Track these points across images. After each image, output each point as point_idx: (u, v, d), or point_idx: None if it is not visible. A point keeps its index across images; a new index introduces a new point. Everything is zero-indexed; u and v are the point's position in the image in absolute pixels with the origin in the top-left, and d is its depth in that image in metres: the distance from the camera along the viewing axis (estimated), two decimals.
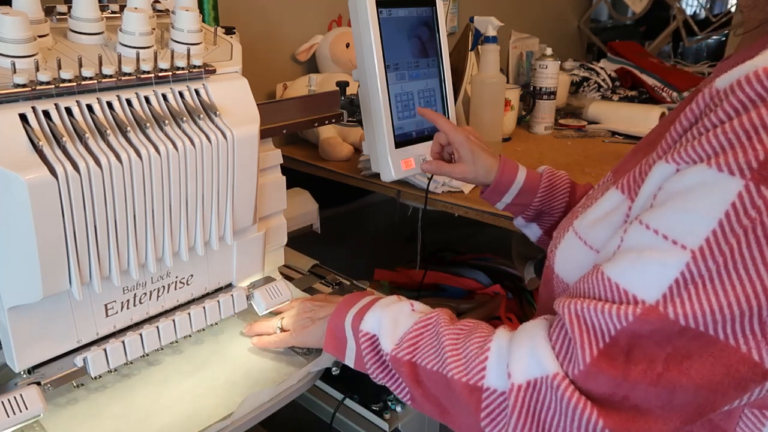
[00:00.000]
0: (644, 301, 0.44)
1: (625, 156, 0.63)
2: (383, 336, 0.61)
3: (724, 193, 0.41)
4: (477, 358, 0.53)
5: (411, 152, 0.89)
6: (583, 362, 0.46)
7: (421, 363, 0.57)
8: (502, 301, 1.20)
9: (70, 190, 0.52)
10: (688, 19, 2.36)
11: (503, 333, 0.54)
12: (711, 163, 0.42)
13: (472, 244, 1.42)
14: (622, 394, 0.45)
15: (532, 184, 0.80)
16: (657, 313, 0.43)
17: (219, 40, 0.71)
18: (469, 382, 0.52)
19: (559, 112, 1.67)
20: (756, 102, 0.42)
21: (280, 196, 0.78)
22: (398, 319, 0.62)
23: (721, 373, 0.43)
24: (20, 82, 0.52)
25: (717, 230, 0.41)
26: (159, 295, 0.68)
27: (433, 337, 0.58)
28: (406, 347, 0.59)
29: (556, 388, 0.47)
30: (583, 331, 0.46)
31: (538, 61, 1.53)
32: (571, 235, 0.58)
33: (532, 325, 0.53)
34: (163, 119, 0.59)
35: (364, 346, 0.63)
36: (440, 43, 0.91)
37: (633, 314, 0.44)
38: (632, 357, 0.44)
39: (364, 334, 0.63)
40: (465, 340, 0.56)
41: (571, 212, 0.63)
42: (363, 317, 0.64)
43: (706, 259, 0.42)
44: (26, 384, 0.58)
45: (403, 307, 0.64)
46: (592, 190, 0.65)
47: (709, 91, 0.46)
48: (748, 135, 0.41)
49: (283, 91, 1.40)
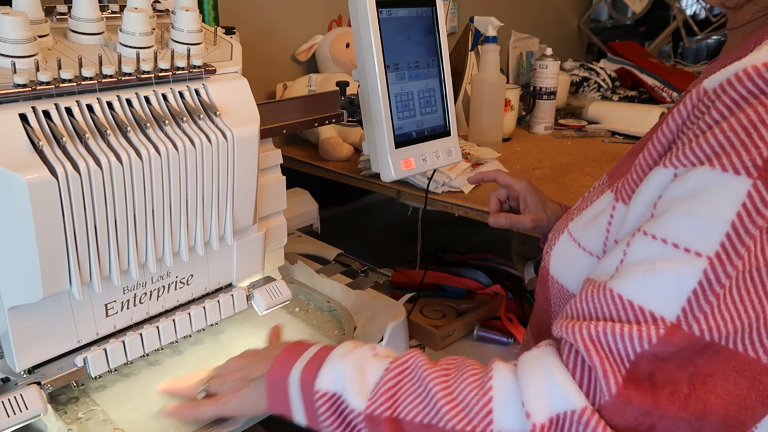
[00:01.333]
0: (663, 317, 0.41)
1: (621, 158, 0.63)
2: (349, 392, 0.50)
3: (733, 193, 0.40)
4: (479, 402, 0.46)
5: (411, 152, 0.89)
6: (608, 392, 0.42)
7: (406, 417, 0.48)
8: (502, 301, 1.20)
9: (70, 190, 0.52)
10: (688, 19, 2.36)
11: (503, 367, 0.48)
12: (714, 164, 0.41)
13: (472, 244, 1.42)
14: (649, 423, 0.42)
15: None
16: (681, 332, 0.40)
17: (219, 40, 0.71)
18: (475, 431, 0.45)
19: (559, 112, 1.67)
20: (749, 99, 0.41)
21: (280, 196, 0.78)
22: (364, 368, 0.51)
23: (745, 386, 0.41)
24: (20, 82, 0.52)
25: (731, 233, 0.40)
26: (159, 295, 0.68)
27: (416, 384, 0.49)
28: (384, 401, 0.49)
29: (585, 423, 0.42)
30: (603, 358, 0.42)
31: (538, 61, 1.53)
32: (566, 236, 0.58)
33: (539, 354, 0.47)
34: (163, 119, 0.59)
35: (323, 409, 0.51)
36: (440, 43, 0.91)
37: (657, 336, 0.40)
38: (656, 381, 0.41)
39: (322, 394, 0.52)
40: (457, 382, 0.48)
41: (566, 214, 0.63)
42: (318, 372, 0.53)
43: (724, 265, 0.40)
44: (26, 384, 0.58)
45: (365, 353, 0.54)
46: (587, 192, 0.65)
47: (697, 92, 0.45)
48: (747, 132, 0.40)
49: (283, 91, 1.40)
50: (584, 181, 1.15)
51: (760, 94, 0.41)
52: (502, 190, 0.85)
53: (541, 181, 1.18)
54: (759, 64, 0.41)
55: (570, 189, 1.13)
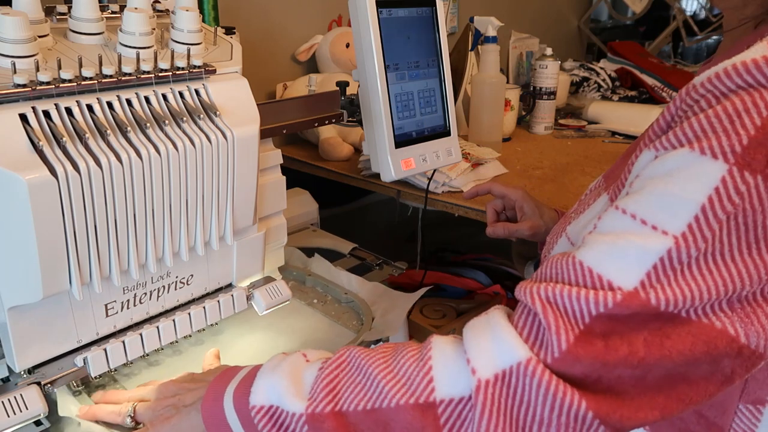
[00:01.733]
0: (621, 287, 0.42)
1: (617, 161, 0.63)
2: (286, 399, 0.49)
3: (707, 177, 0.41)
4: (419, 372, 0.46)
5: (411, 152, 0.89)
6: (558, 349, 0.43)
7: (349, 408, 0.47)
8: (502, 301, 1.20)
9: (70, 190, 0.52)
10: (688, 19, 2.36)
11: (439, 338, 0.49)
12: (693, 147, 0.42)
13: (472, 244, 1.42)
14: (595, 376, 0.43)
15: None
16: (638, 299, 0.42)
17: (219, 40, 0.71)
18: (418, 402, 0.45)
19: (559, 112, 1.67)
20: (736, 91, 0.42)
21: (280, 196, 0.78)
22: (297, 374, 0.51)
23: (701, 350, 0.42)
24: (20, 82, 0.52)
25: (700, 215, 0.41)
26: (159, 295, 0.68)
27: (354, 373, 0.49)
28: (323, 397, 0.48)
29: (531, 374, 0.43)
30: (558, 316, 0.43)
31: (538, 61, 1.53)
32: (564, 240, 0.58)
33: (485, 317, 0.49)
34: (163, 119, 0.59)
35: (262, 423, 0.49)
36: (440, 43, 0.91)
37: (613, 300, 0.42)
38: (611, 341, 0.43)
39: (259, 409, 0.50)
40: (396, 361, 0.48)
41: (564, 217, 0.63)
42: (250, 390, 0.51)
43: (689, 246, 0.41)
44: (26, 384, 0.58)
45: (296, 360, 0.53)
46: (584, 195, 0.65)
47: (686, 87, 0.46)
48: (730, 120, 0.41)
49: (283, 91, 1.40)
50: (584, 181, 1.15)
51: (747, 87, 0.41)
52: (497, 200, 0.86)
53: (541, 181, 1.18)
54: (748, 60, 0.42)
55: (570, 189, 1.13)
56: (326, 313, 0.89)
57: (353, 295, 0.91)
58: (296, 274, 0.99)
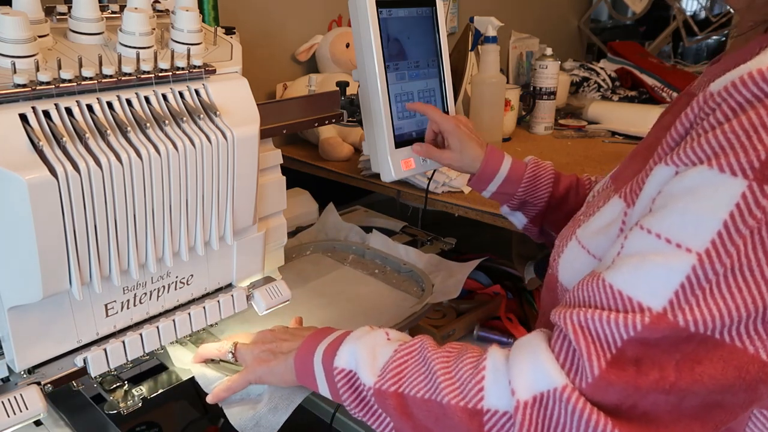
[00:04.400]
0: (650, 308, 0.43)
1: (624, 161, 0.63)
2: (362, 369, 0.56)
3: (727, 194, 0.41)
4: (473, 380, 0.50)
5: (411, 152, 0.89)
6: (591, 374, 0.44)
7: (410, 392, 0.53)
8: (502, 301, 1.20)
9: (70, 190, 0.52)
10: (688, 19, 2.36)
11: (497, 350, 0.52)
12: (712, 164, 0.42)
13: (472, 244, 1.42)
14: (630, 402, 0.44)
15: (516, 175, 0.82)
16: (666, 321, 0.42)
17: (219, 40, 0.71)
18: (467, 406, 0.49)
19: (559, 112, 1.67)
20: (753, 102, 0.42)
21: (280, 196, 0.78)
22: (375, 349, 0.57)
23: (733, 376, 0.42)
24: (20, 82, 0.52)
25: (722, 232, 0.41)
26: (159, 295, 0.68)
27: (420, 364, 0.55)
28: (391, 377, 0.54)
29: (566, 400, 0.44)
30: (589, 342, 0.45)
31: (538, 61, 1.53)
32: (575, 244, 0.58)
33: (530, 338, 0.51)
34: (163, 119, 0.59)
35: (341, 384, 0.57)
36: (440, 43, 0.91)
37: (642, 323, 0.42)
38: (642, 366, 0.43)
39: (340, 371, 0.58)
40: (456, 363, 0.52)
41: (572, 220, 0.63)
42: (336, 352, 0.59)
43: (713, 262, 0.41)
44: (26, 384, 0.58)
45: (378, 336, 0.59)
46: (591, 197, 0.65)
47: (704, 95, 0.46)
48: (747, 135, 0.41)
49: (283, 91, 1.40)
50: None
51: (764, 97, 0.41)
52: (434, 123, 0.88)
53: None
54: (764, 68, 0.42)
55: None
56: (387, 281, 0.97)
57: (411, 266, 1.00)
58: (355, 248, 1.08)
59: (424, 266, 1.02)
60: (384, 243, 1.08)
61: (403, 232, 1.22)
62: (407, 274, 1.01)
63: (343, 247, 1.11)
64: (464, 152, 0.83)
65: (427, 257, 1.04)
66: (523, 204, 0.84)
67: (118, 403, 0.66)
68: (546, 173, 0.83)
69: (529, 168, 0.83)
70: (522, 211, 0.85)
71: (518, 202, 0.83)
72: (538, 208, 0.83)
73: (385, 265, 1.04)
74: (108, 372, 0.64)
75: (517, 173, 0.82)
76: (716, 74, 0.52)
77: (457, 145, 0.84)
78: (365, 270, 1.03)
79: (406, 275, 1.01)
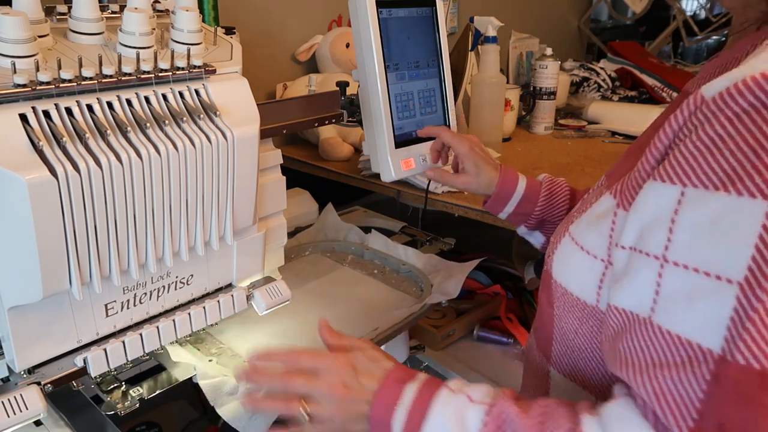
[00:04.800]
0: (711, 349, 0.41)
1: (619, 159, 0.62)
2: None
3: (752, 217, 0.40)
4: None
5: (411, 152, 0.90)
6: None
7: None
8: (502, 301, 1.20)
9: (70, 190, 0.52)
10: (688, 19, 2.36)
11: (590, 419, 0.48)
12: (729, 189, 0.41)
13: (472, 244, 1.42)
14: None
15: (532, 194, 0.81)
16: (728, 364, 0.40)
17: (219, 40, 0.71)
18: None
19: (559, 112, 1.67)
20: (750, 113, 0.41)
21: (280, 196, 0.78)
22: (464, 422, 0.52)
23: None
24: (20, 82, 0.52)
25: (756, 255, 0.39)
26: (159, 295, 0.68)
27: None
28: None
29: None
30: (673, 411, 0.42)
31: (538, 61, 1.53)
32: (568, 240, 0.57)
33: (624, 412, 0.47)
34: (163, 119, 0.59)
35: None
36: (440, 43, 0.91)
37: (709, 372, 0.40)
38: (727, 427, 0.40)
39: None
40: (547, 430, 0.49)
41: (567, 217, 0.63)
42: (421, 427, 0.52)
43: (754, 288, 0.40)
44: (26, 384, 0.58)
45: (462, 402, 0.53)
46: (587, 194, 0.64)
47: (694, 99, 0.44)
48: (756, 153, 0.40)
49: (283, 91, 1.40)
50: (584, 182, 1.15)
51: (761, 107, 0.41)
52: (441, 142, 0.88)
53: None
54: (758, 75, 0.41)
55: None
56: (386, 281, 0.97)
57: (410, 266, 1.00)
58: (354, 248, 1.08)
59: (423, 266, 1.02)
60: (383, 243, 1.09)
61: (403, 233, 1.23)
62: (406, 275, 1.01)
63: (342, 247, 1.12)
64: (480, 176, 0.82)
65: (426, 257, 1.04)
66: (541, 223, 0.83)
67: (116, 404, 0.66)
68: (561, 190, 0.82)
69: (544, 186, 0.82)
70: (540, 231, 0.84)
71: (536, 221, 0.82)
72: (555, 226, 0.82)
73: (384, 265, 1.05)
74: (107, 372, 0.64)
75: (533, 192, 0.81)
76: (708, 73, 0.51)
77: (473, 168, 0.82)
78: (364, 270, 1.03)
79: (405, 275, 1.01)
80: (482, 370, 1.04)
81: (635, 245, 0.47)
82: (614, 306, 0.48)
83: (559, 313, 0.59)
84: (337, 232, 1.17)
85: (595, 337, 0.55)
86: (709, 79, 0.46)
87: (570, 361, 0.58)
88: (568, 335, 0.57)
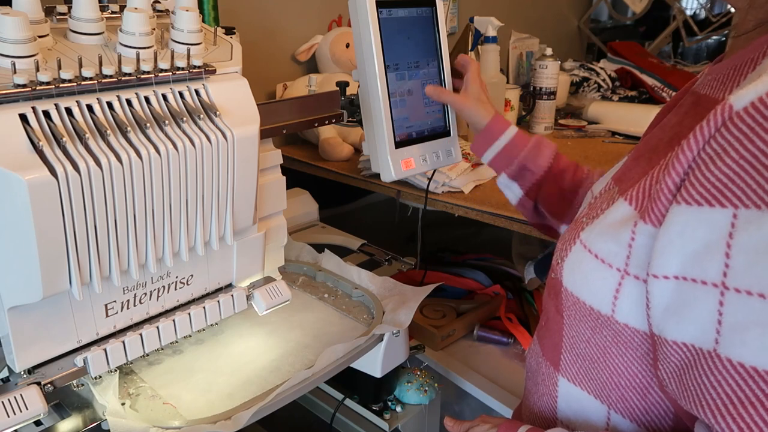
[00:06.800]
0: None
1: (626, 162, 0.60)
2: None
3: None
4: None
5: (411, 152, 0.89)
6: None
7: None
8: (502, 301, 1.20)
9: (70, 190, 0.52)
10: (688, 19, 2.36)
11: None
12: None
13: (472, 244, 1.42)
14: None
15: (521, 140, 0.84)
16: None
17: (219, 40, 0.71)
18: None
19: (559, 112, 1.67)
20: None
21: (280, 196, 0.78)
22: None
23: None
24: (20, 83, 0.52)
25: None
26: (159, 295, 0.68)
27: None
28: None
29: None
30: None
31: (538, 61, 1.53)
32: (579, 247, 0.55)
33: None
34: (163, 119, 0.59)
35: None
36: (440, 43, 0.91)
37: None
38: None
39: None
40: None
41: (574, 222, 0.60)
42: None
43: None
44: (26, 384, 0.58)
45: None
46: (593, 198, 0.62)
47: (722, 110, 0.42)
48: None
49: (283, 91, 1.40)
50: None
51: None
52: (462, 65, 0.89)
53: None
54: None
55: None
56: (337, 306, 0.92)
57: (363, 290, 0.94)
58: (306, 269, 1.02)
59: (377, 290, 0.96)
60: (336, 264, 1.02)
61: (361, 251, 1.17)
62: (359, 299, 0.95)
63: (294, 268, 1.04)
64: (478, 104, 0.85)
65: (380, 280, 0.98)
66: (522, 171, 0.83)
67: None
68: (550, 146, 0.84)
69: (534, 137, 0.85)
70: (518, 182, 0.84)
71: (518, 167, 0.82)
72: (536, 177, 0.82)
73: (337, 288, 0.98)
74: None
75: (522, 139, 0.84)
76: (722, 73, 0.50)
77: (475, 93, 0.85)
78: (315, 293, 0.96)
79: (358, 300, 0.95)
80: (482, 370, 1.05)
81: (684, 274, 0.44)
82: (673, 341, 0.46)
83: (569, 321, 0.57)
84: (289, 250, 1.08)
85: (608, 347, 0.53)
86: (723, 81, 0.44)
87: (581, 370, 0.56)
88: (579, 344, 0.56)
